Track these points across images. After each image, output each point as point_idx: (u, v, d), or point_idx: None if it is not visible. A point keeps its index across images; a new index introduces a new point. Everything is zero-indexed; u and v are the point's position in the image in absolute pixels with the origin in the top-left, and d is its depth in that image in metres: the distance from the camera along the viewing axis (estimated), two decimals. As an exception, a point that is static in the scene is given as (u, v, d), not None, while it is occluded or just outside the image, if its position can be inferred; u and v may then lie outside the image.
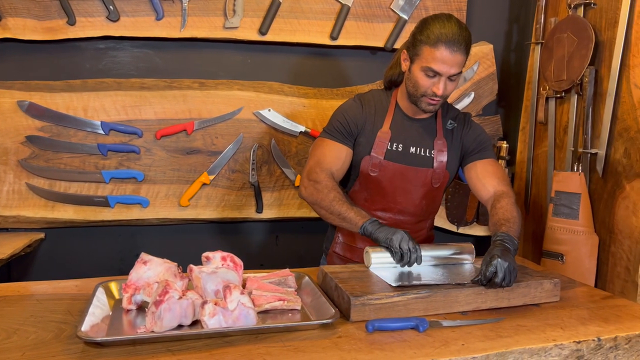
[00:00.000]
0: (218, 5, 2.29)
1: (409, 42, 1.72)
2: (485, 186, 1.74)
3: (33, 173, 2.23)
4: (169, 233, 2.46)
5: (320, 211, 1.67)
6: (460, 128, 1.84)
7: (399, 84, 1.83)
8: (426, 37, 1.61)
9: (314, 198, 1.65)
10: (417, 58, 1.65)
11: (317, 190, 1.64)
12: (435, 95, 1.65)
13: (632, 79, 1.93)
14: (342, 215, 1.61)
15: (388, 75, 1.86)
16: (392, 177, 1.75)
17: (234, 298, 1.20)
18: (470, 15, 2.58)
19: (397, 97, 1.81)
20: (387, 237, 1.51)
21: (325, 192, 1.63)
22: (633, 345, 1.26)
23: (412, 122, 1.79)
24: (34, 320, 1.27)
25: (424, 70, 1.63)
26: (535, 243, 2.49)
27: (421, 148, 1.77)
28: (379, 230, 1.53)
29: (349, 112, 1.78)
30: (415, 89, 1.68)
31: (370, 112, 1.78)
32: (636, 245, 1.91)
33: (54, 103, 2.21)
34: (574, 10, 2.18)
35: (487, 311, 1.38)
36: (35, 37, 2.16)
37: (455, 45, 1.59)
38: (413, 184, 1.77)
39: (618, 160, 2.00)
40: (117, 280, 1.44)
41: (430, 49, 1.60)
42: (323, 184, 1.64)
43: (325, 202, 1.63)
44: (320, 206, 1.65)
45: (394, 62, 1.84)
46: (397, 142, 1.76)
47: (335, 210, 1.61)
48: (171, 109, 2.31)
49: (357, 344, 1.17)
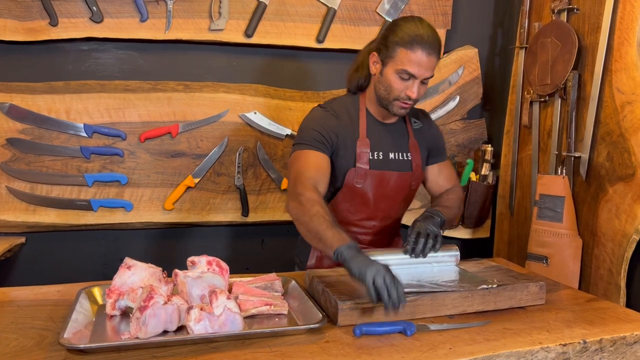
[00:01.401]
0: (203, 7, 2.28)
1: (378, 44, 1.67)
2: (441, 187, 1.90)
3: (14, 176, 2.19)
4: (154, 237, 2.44)
5: (300, 228, 1.52)
6: (425, 127, 1.86)
7: (365, 88, 1.77)
8: (401, 39, 1.58)
9: (294, 213, 1.52)
10: (391, 60, 1.61)
11: (300, 203, 1.50)
12: (409, 99, 1.63)
13: (614, 84, 1.96)
14: (319, 235, 1.42)
15: (354, 79, 1.77)
16: (377, 186, 1.72)
17: (220, 303, 1.18)
18: (455, 19, 2.60)
19: (365, 102, 1.76)
20: (359, 270, 1.28)
21: (307, 206, 1.48)
22: (618, 347, 1.28)
23: (384, 127, 1.76)
24: (15, 327, 1.24)
25: (398, 73, 1.60)
26: (520, 246, 2.51)
27: (398, 152, 1.76)
28: (354, 259, 1.31)
29: (326, 122, 1.69)
30: (387, 92, 1.64)
31: (345, 122, 1.71)
32: (619, 247, 1.93)
33: (35, 105, 2.18)
34: (557, 15, 2.21)
35: (474, 314, 1.39)
36: (17, 37, 2.12)
37: (430, 47, 1.58)
38: (395, 190, 1.76)
39: (601, 164, 2.02)
40: (100, 286, 1.41)
41: (406, 51, 1.57)
42: (306, 197, 1.50)
43: (306, 218, 1.47)
44: (300, 222, 1.51)
45: (358, 65, 1.77)
46: (376, 151, 1.72)
47: (313, 228, 1.44)
48: (155, 111, 2.29)
49: (344, 348, 1.16)
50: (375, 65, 1.67)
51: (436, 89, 2.60)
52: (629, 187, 1.90)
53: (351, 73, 1.79)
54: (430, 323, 1.30)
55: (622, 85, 1.93)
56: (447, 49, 2.61)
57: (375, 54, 1.66)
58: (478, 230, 2.72)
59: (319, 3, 2.39)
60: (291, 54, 2.46)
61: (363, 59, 1.75)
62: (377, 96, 1.70)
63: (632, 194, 1.88)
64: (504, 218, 2.66)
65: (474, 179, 2.59)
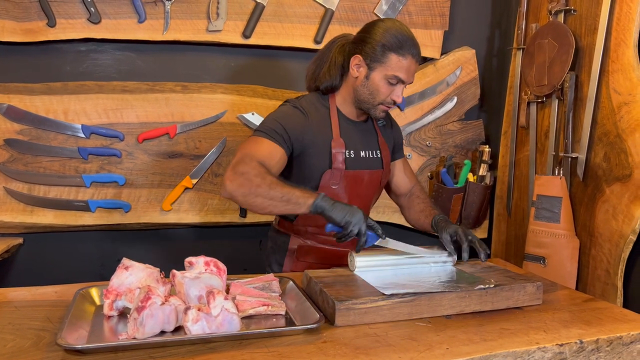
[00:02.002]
0: (201, 9, 2.28)
1: (363, 47, 1.62)
2: (406, 182, 1.93)
3: (11, 177, 2.19)
4: (151, 238, 2.44)
5: (255, 201, 1.44)
6: (389, 125, 1.89)
7: (337, 89, 1.73)
8: (391, 44, 1.57)
9: (245, 189, 1.43)
10: (380, 65, 1.59)
11: (247, 179, 1.43)
12: (394, 103, 1.65)
13: (611, 84, 1.97)
14: (285, 197, 1.42)
15: (325, 79, 1.71)
16: (351, 185, 1.70)
17: (217, 303, 1.18)
18: (452, 21, 2.60)
19: (336, 102, 1.73)
20: (344, 218, 1.41)
21: (258, 179, 1.43)
22: (614, 347, 1.28)
23: (355, 125, 1.75)
24: (12, 327, 1.24)
25: (387, 78, 1.60)
26: (518, 246, 2.51)
27: (369, 150, 1.76)
28: (334, 207, 1.41)
29: (292, 119, 1.63)
30: (373, 97, 1.63)
31: (316, 121, 1.67)
32: (616, 248, 1.94)
33: (33, 106, 2.18)
34: (554, 17, 2.22)
35: (471, 314, 1.39)
36: (15, 38, 2.13)
37: (419, 54, 1.62)
38: (367, 188, 1.76)
39: (598, 164, 2.03)
40: (98, 286, 1.41)
41: (398, 57, 1.57)
42: (253, 172, 1.44)
43: (262, 189, 1.42)
44: (255, 195, 1.43)
45: (330, 65, 1.71)
46: (349, 149, 1.70)
47: (276, 195, 1.42)
48: (153, 112, 2.29)
49: (342, 349, 1.16)
50: (359, 69, 1.64)
51: (434, 89, 2.61)
52: (626, 188, 1.90)
53: (322, 73, 1.72)
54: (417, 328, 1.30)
55: (619, 86, 1.93)
56: (445, 50, 2.61)
57: (359, 57, 1.63)
58: (476, 230, 2.73)
59: (317, 4, 2.40)
60: (289, 55, 2.46)
61: (335, 58, 1.70)
62: (357, 99, 1.68)
63: (629, 195, 1.89)
64: (502, 219, 2.67)
65: (472, 180, 2.59)
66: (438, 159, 2.67)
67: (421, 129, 2.62)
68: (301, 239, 1.79)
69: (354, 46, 1.66)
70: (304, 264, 1.79)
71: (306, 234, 1.78)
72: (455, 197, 2.59)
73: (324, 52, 1.75)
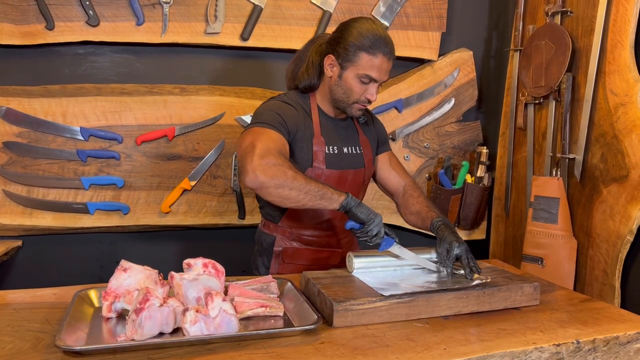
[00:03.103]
0: (199, 11, 2.29)
1: (335, 46, 1.64)
2: (396, 176, 1.90)
3: (10, 180, 2.19)
4: (150, 240, 2.44)
5: (289, 194, 1.44)
6: (370, 121, 1.89)
7: (316, 88, 1.75)
8: (362, 44, 1.58)
9: (280, 181, 1.43)
10: (352, 65, 1.61)
11: (283, 172, 1.43)
12: (368, 102, 1.66)
13: (608, 86, 1.97)
14: (321, 192, 1.46)
15: (304, 79, 1.73)
16: (334, 184, 1.68)
17: (215, 305, 1.19)
18: (450, 22, 2.61)
19: (316, 100, 1.74)
20: (369, 216, 1.47)
21: (293, 172, 1.45)
22: (611, 347, 1.28)
23: (335, 122, 1.77)
24: (11, 329, 1.24)
25: (359, 77, 1.62)
26: (515, 247, 2.52)
27: (351, 147, 1.77)
28: (360, 206, 1.48)
29: (286, 111, 1.65)
30: (347, 96, 1.65)
31: (302, 116, 1.69)
32: (613, 248, 1.94)
33: (32, 108, 2.18)
34: (551, 18, 2.22)
35: (469, 315, 1.39)
36: (13, 41, 2.13)
37: (390, 52, 1.62)
38: (350, 186, 1.76)
39: (595, 165, 2.04)
40: (96, 288, 1.41)
41: (368, 56, 1.59)
42: (287, 165, 1.46)
43: (298, 182, 1.44)
44: (290, 187, 1.43)
45: (307, 65, 1.73)
46: (331, 145, 1.71)
47: (312, 189, 1.45)
48: (152, 114, 2.30)
49: (339, 349, 1.16)
50: (332, 68, 1.66)
51: (432, 91, 2.62)
52: (623, 188, 1.91)
53: (300, 73, 1.74)
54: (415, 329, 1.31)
55: (616, 87, 1.94)
56: (443, 51, 2.62)
57: (332, 56, 1.65)
58: (474, 231, 2.73)
59: (315, 6, 2.41)
60: (287, 57, 2.44)
61: (313, 58, 1.73)
62: (333, 98, 1.70)
63: (625, 195, 1.89)
64: (500, 220, 2.67)
65: (470, 181, 2.60)
66: (436, 160, 2.68)
67: (419, 130, 2.63)
68: (286, 241, 1.79)
69: (328, 46, 1.68)
70: (290, 267, 1.79)
71: (291, 235, 1.78)
72: (453, 198, 2.59)
73: (302, 51, 1.77)
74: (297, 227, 1.77)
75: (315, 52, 1.73)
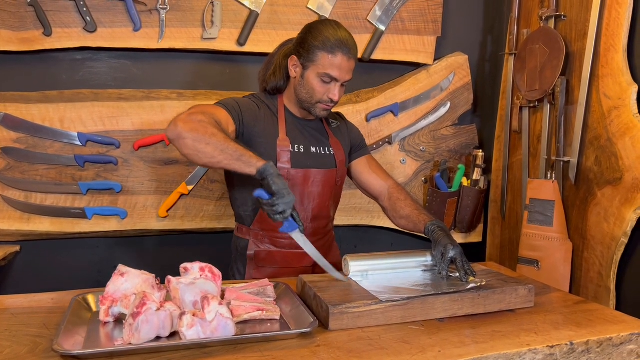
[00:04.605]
0: (196, 17, 2.30)
1: (298, 47, 1.69)
2: (377, 179, 1.89)
3: (8, 185, 2.20)
4: (148, 244, 2.45)
5: (205, 149, 1.42)
6: (344, 126, 1.91)
7: (283, 90, 1.79)
8: (322, 44, 1.62)
9: (198, 134, 1.42)
10: (312, 64, 1.65)
11: (203, 126, 1.43)
12: (331, 101, 1.68)
13: (601, 89, 1.99)
14: (238, 153, 1.43)
15: (271, 82, 1.77)
16: (302, 184, 1.73)
17: (212, 309, 1.20)
18: (445, 27, 2.63)
19: (284, 102, 1.78)
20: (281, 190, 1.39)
21: (214, 129, 1.44)
22: (604, 348, 1.29)
23: (303, 124, 1.79)
24: (9, 334, 1.25)
25: (320, 77, 1.65)
26: (512, 250, 2.53)
27: (319, 147, 1.78)
28: (279, 178, 1.41)
29: (247, 105, 1.69)
30: (310, 95, 1.68)
31: (266, 115, 1.72)
32: (608, 250, 1.95)
33: (29, 114, 2.19)
34: (545, 22, 2.24)
35: (464, 317, 1.40)
36: (11, 47, 2.14)
37: (350, 51, 1.64)
38: (321, 187, 1.76)
39: (589, 168, 2.05)
40: (94, 293, 1.42)
41: (327, 55, 1.62)
42: (211, 123, 1.46)
43: (217, 138, 1.42)
44: (207, 142, 1.42)
45: (275, 67, 1.78)
46: (297, 144, 1.73)
47: (229, 148, 1.42)
48: (149, 119, 2.31)
49: (335, 352, 1.17)
50: (295, 68, 1.70)
51: (427, 95, 2.63)
52: (617, 191, 1.92)
53: (268, 76, 1.79)
54: (410, 332, 1.31)
55: (609, 91, 1.96)
56: (438, 56, 2.64)
57: (294, 57, 1.69)
58: (470, 234, 2.74)
59: (311, 12, 2.42)
60: (283, 62, 2.48)
61: (280, 61, 1.77)
62: (298, 99, 1.73)
63: (619, 198, 1.91)
64: (496, 222, 2.68)
65: (466, 184, 2.61)
66: (432, 164, 2.69)
67: (415, 134, 2.64)
68: (259, 244, 1.79)
69: (293, 48, 1.72)
70: (264, 270, 1.79)
71: (263, 238, 1.78)
72: (449, 202, 2.61)
73: (272, 55, 1.82)
74: (269, 230, 1.77)
75: (283, 55, 1.77)
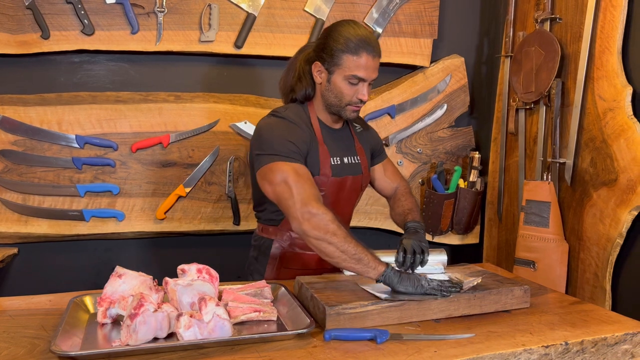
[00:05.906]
0: (194, 19, 2.31)
1: (320, 53, 1.67)
2: (390, 184, 1.97)
3: (6, 187, 2.20)
4: (145, 246, 2.45)
5: (326, 248, 1.44)
6: (365, 131, 1.93)
7: (312, 97, 1.76)
8: (344, 46, 1.61)
9: (320, 233, 1.43)
10: (338, 68, 1.64)
11: (324, 224, 1.44)
12: (361, 102, 1.68)
13: (596, 91, 2.00)
14: (357, 256, 1.42)
15: (299, 89, 1.75)
16: (336, 192, 1.74)
17: (209, 310, 1.20)
18: (441, 29, 2.64)
19: (314, 111, 1.76)
20: (408, 291, 1.41)
21: (334, 226, 1.44)
22: (599, 348, 1.30)
23: (334, 132, 1.79)
24: (7, 336, 1.26)
25: (347, 79, 1.64)
26: (508, 251, 2.54)
27: (350, 156, 1.80)
28: (401, 280, 1.41)
29: (295, 134, 1.65)
30: (339, 99, 1.67)
31: (305, 131, 1.69)
32: (604, 251, 1.97)
33: (27, 117, 2.20)
34: (540, 25, 2.26)
35: (460, 318, 1.41)
36: (8, 50, 2.15)
37: (374, 49, 1.64)
38: (350, 193, 1.79)
39: (585, 169, 2.06)
40: (91, 294, 1.43)
41: (351, 57, 1.61)
42: (328, 216, 1.45)
43: (337, 239, 1.42)
44: (328, 242, 1.43)
45: (298, 74, 1.76)
46: (334, 156, 1.73)
47: (349, 250, 1.42)
48: (147, 122, 2.31)
49: (331, 353, 1.18)
50: (321, 74, 1.69)
51: (424, 97, 2.64)
52: (612, 192, 1.93)
53: (294, 83, 1.76)
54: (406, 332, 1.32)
55: (604, 93, 1.97)
56: (435, 58, 2.65)
57: (318, 63, 1.68)
58: (467, 236, 2.75)
59: (308, 14, 2.43)
60: (281, 65, 2.46)
61: (303, 67, 1.75)
62: (326, 104, 1.72)
63: (615, 199, 1.92)
64: (493, 224, 2.69)
65: (463, 186, 2.62)
66: (429, 166, 2.70)
67: (412, 136, 2.65)
68: (285, 244, 1.80)
69: (314, 53, 1.71)
70: (287, 271, 1.79)
71: (290, 238, 1.79)
72: (446, 203, 2.61)
73: (292, 62, 1.80)
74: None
75: (305, 62, 1.75)
